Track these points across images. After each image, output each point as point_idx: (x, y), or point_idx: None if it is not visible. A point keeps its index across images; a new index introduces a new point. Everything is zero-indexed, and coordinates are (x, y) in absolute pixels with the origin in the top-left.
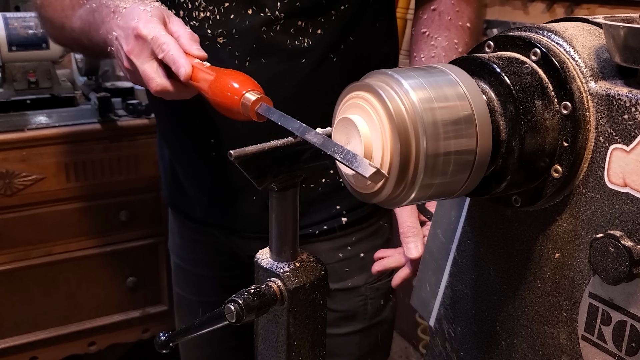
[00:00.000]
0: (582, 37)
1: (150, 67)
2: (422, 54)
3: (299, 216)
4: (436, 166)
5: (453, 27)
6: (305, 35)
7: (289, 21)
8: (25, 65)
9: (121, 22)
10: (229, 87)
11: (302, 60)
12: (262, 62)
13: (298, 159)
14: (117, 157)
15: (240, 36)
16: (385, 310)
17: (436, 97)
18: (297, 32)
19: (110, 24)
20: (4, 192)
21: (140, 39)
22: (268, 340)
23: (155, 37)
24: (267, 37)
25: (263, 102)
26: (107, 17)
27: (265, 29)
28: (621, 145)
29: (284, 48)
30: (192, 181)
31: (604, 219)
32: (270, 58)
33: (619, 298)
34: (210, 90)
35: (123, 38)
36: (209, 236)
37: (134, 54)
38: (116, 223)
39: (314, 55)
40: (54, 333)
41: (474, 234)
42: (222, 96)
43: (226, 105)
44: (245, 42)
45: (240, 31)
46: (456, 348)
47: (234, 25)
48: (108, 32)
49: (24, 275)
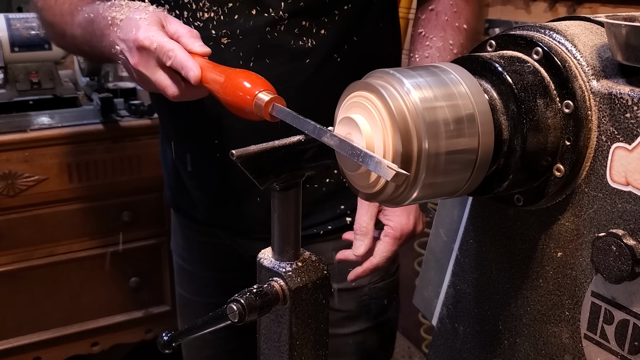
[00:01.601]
0: (584, 36)
1: (162, 75)
2: (417, 53)
3: (302, 216)
4: (438, 165)
5: (449, 27)
6: (309, 35)
7: (292, 21)
8: (28, 66)
9: (121, 34)
10: (241, 87)
11: (306, 61)
12: (266, 62)
13: (300, 158)
14: (120, 158)
15: (245, 37)
16: (388, 310)
17: (438, 96)
18: (301, 32)
19: (112, 37)
20: (7, 192)
21: (143, 50)
22: (270, 340)
23: (159, 45)
24: (271, 38)
25: (275, 103)
26: (105, 29)
27: (269, 29)
28: (623, 144)
29: (288, 48)
30: (195, 182)
31: (607, 218)
32: (274, 58)
33: (622, 297)
34: (221, 90)
35: (127, 51)
36: (212, 237)
37: (141, 66)
38: (119, 223)
39: (318, 56)
40: (57, 333)
41: (476, 233)
42: (234, 96)
43: (239, 105)
44: (249, 42)
45: (245, 32)
46: (459, 347)
47: (238, 26)
48: (111, 46)
49: (27, 275)
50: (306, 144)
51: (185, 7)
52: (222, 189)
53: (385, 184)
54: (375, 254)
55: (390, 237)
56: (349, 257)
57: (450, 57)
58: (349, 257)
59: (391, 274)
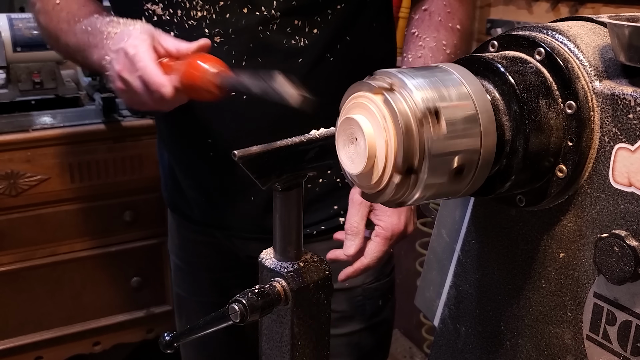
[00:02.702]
0: (587, 37)
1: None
2: (410, 54)
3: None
4: (440, 166)
5: (442, 28)
6: (301, 34)
7: (285, 20)
8: (30, 65)
9: (113, 45)
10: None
11: (298, 60)
12: (258, 61)
13: (302, 158)
14: (121, 158)
15: (237, 35)
16: (384, 311)
17: (440, 97)
18: (294, 32)
19: (105, 49)
20: (9, 192)
21: (129, 57)
22: (272, 340)
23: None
24: (263, 37)
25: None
26: (100, 42)
27: (261, 28)
28: (626, 145)
29: (280, 48)
30: (190, 182)
31: (609, 219)
32: (267, 57)
33: (624, 298)
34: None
35: (115, 60)
36: (208, 237)
37: (125, 72)
38: (120, 223)
39: (311, 55)
40: (59, 333)
41: (478, 234)
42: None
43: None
44: (241, 41)
45: (237, 30)
46: (460, 348)
47: (230, 25)
48: (102, 58)
49: (28, 275)
50: (308, 144)
51: (179, 5)
52: (216, 189)
53: (387, 184)
54: (366, 254)
55: (381, 237)
56: (339, 257)
57: (443, 58)
58: (340, 257)
59: (386, 274)
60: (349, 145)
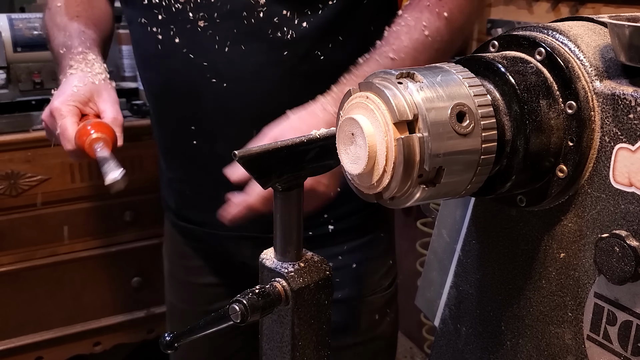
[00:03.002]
0: (587, 37)
1: None
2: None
3: (302, 217)
4: (440, 166)
5: (427, 11)
6: (289, 26)
7: (272, 9)
8: (30, 66)
9: (57, 89)
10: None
11: (284, 53)
12: (241, 49)
13: (302, 158)
14: (122, 158)
15: (222, 20)
16: (380, 325)
17: (440, 97)
18: (281, 22)
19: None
20: (9, 192)
21: (52, 117)
22: (273, 341)
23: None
24: (247, 24)
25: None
26: (63, 70)
27: (246, 15)
28: (626, 145)
29: (264, 37)
30: (180, 184)
31: (610, 219)
32: (250, 45)
33: (625, 298)
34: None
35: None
36: (201, 242)
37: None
38: (121, 223)
39: (297, 49)
40: (59, 333)
41: (478, 234)
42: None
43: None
44: (226, 27)
45: (221, 15)
46: (461, 348)
47: (216, 9)
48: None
49: (29, 275)
50: (308, 144)
51: None
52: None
53: (388, 184)
54: (251, 192)
55: None
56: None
57: (420, 38)
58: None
59: (383, 288)
60: (350, 145)
